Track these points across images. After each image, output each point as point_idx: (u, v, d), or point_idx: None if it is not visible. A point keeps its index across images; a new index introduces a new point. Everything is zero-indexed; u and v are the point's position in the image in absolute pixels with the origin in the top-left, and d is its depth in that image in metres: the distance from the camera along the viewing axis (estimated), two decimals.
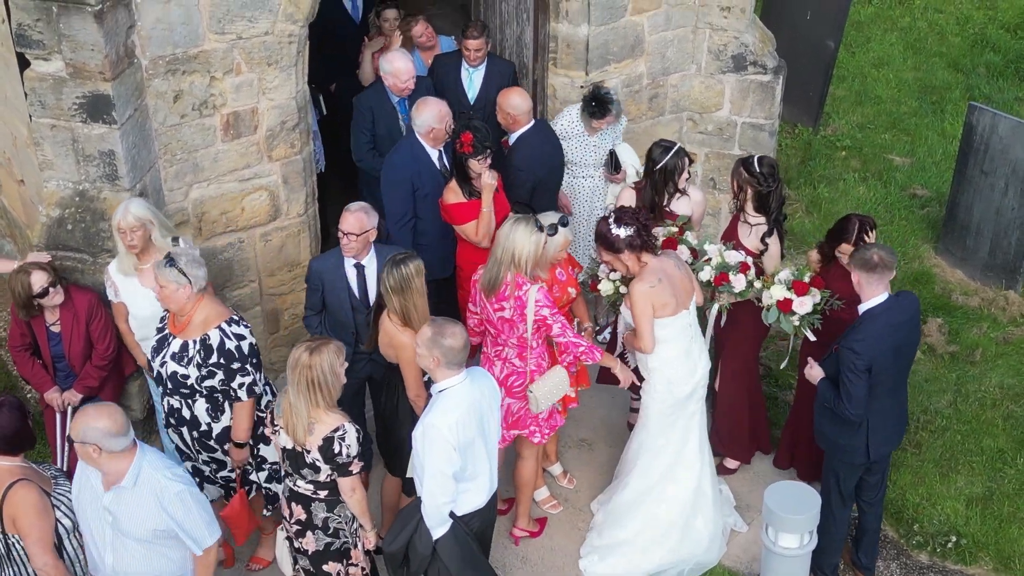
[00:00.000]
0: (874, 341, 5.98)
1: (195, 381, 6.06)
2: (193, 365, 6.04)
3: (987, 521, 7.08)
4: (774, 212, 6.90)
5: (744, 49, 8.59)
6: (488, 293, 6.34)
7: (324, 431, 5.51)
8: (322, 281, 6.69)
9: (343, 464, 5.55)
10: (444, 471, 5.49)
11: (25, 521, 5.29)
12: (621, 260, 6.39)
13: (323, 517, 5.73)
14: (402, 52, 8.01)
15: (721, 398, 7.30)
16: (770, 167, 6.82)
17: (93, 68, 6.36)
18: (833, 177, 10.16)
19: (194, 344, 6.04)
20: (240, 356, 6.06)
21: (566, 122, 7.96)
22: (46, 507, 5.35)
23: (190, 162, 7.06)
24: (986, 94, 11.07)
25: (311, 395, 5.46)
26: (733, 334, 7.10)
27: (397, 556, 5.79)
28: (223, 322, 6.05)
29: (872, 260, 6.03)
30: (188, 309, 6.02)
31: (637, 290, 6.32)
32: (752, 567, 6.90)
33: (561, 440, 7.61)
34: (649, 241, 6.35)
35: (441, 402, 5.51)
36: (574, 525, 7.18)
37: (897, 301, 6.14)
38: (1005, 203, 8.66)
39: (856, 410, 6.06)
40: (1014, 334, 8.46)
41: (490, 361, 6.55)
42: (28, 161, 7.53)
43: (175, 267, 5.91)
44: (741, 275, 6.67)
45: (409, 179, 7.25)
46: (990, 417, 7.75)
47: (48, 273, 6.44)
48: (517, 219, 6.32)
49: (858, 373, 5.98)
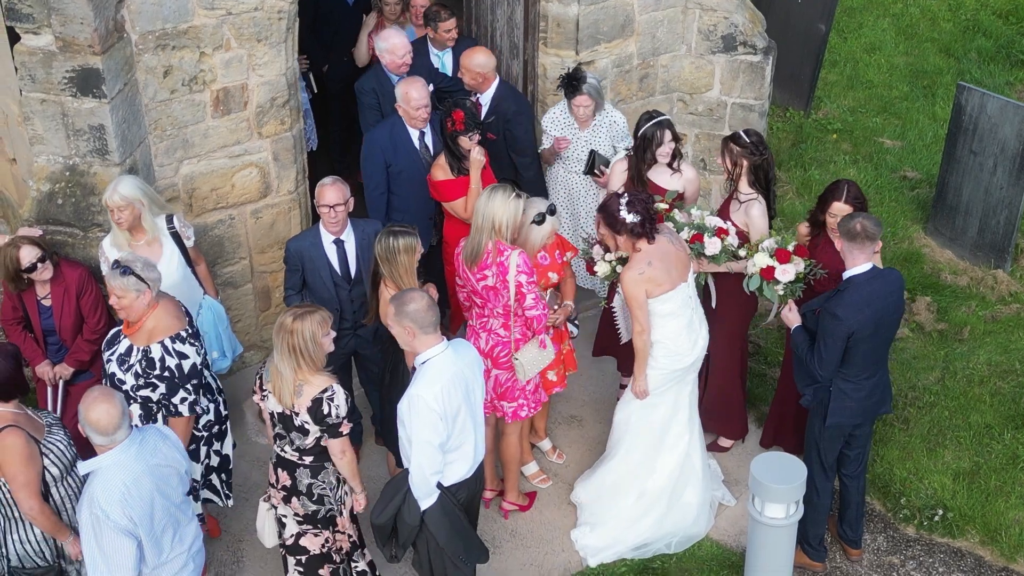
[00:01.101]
0: (856, 309, 6.01)
1: (130, 388, 5.99)
2: (131, 373, 5.97)
3: (974, 495, 7.11)
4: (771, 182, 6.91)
5: (734, 29, 8.62)
6: (471, 263, 6.38)
7: (312, 392, 5.55)
8: (302, 261, 6.71)
9: (333, 425, 5.58)
10: (431, 441, 5.51)
11: (11, 467, 5.40)
12: (616, 240, 6.41)
13: (307, 483, 5.76)
14: (396, 29, 8.05)
15: (713, 375, 7.33)
16: (758, 136, 6.87)
17: (83, 42, 6.39)
18: (824, 160, 10.20)
19: (137, 352, 5.96)
20: (180, 376, 5.96)
21: (551, 118, 7.93)
22: (33, 454, 5.42)
23: (180, 138, 7.09)
24: (977, 79, 11.10)
25: (294, 359, 5.50)
26: (722, 310, 7.12)
27: (385, 528, 5.81)
28: (168, 337, 5.94)
29: (855, 228, 6.05)
30: (144, 315, 5.93)
31: (628, 278, 6.35)
32: (739, 540, 6.94)
33: (551, 416, 7.65)
34: (651, 232, 6.34)
35: (425, 372, 5.53)
36: (563, 499, 7.22)
37: (882, 274, 6.17)
38: (994, 182, 8.69)
39: (826, 372, 6.13)
40: (1002, 312, 8.50)
41: (476, 333, 6.59)
42: (20, 139, 7.56)
43: (132, 274, 5.78)
44: (716, 239, 6.70)
45: (381, 154, 7.35)
46: (977, 393, 7.79)
47: (38, 248, 6.46)
48: (494, 187, 6.39)
49: (836, 338, 6.02)
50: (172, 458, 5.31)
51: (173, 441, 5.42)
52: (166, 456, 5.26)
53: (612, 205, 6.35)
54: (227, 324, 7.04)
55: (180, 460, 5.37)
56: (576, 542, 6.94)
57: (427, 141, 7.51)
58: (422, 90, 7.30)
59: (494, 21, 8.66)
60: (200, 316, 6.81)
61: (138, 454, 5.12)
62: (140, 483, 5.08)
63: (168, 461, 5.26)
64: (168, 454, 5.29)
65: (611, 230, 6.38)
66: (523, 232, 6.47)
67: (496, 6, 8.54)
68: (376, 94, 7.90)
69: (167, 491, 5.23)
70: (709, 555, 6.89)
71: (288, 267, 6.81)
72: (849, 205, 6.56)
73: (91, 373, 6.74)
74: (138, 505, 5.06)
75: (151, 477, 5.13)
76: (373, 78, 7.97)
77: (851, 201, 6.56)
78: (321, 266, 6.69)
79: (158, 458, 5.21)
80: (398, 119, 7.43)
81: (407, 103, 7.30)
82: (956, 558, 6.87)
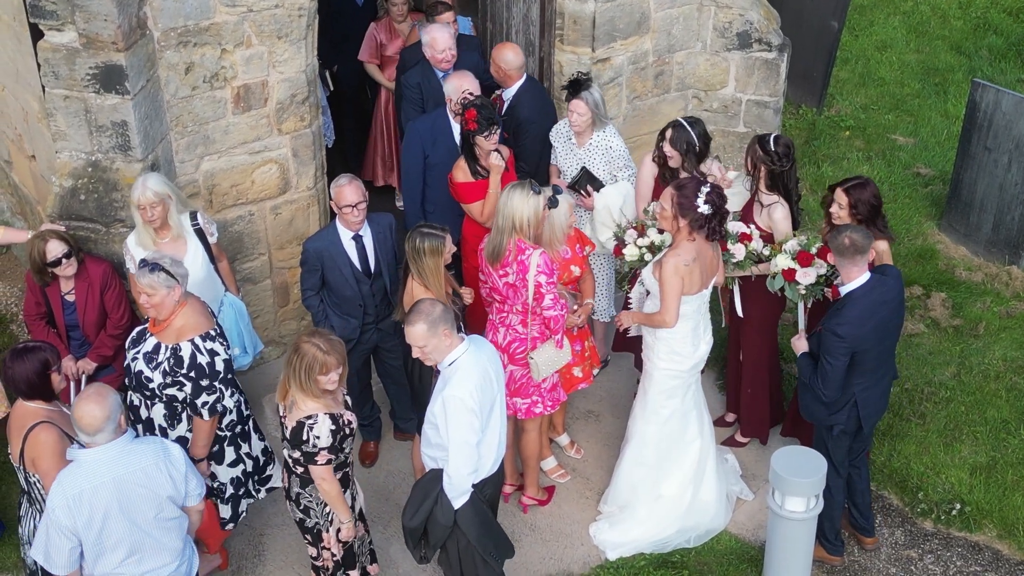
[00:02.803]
0: (856, 325, 5.98)
1: (157, 386, 6.01)
2: (159, 371, 5.99)
3: (991, 489, 7.14)
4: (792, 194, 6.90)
5: (749, 27, 8.65)
6: (492, 262, 6.41)
7: (298, 415, 5.56)
8: (321, 260, 6.72)
9: (309, 453, 5.58)
10: (469, 441, 5.51)
11: (43, 462, 5.47)
12: (676, 222, 6.26)
13: (296, 492, 5.80)
14: (441, 24, 8.00)
15: (745, 378, 7.35)
16: (786, 147, 6.80)
17: (106, 39, 6.43)
18: (837, 156, 10.23)
19: (165, 350, 5.98)
20: (211, 372, 5.98)
21: (556, 130, 7.72)
22: (65, 450, 5.43)
23: (201, 134, 7.13)
24: (988, 76, 11.12)
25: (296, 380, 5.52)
26: (752, 313, 7.13)
27: (417, 531, 5.79)
28: (198, 336, 5.96)
29: (844, 243, 5.98)
30: (171, 312, 5.94)
31: (672, 263, 6.25)
32: (758, 534, 6.97)
33: (568, 411, 7.68)
34: (715, 231, 6.24)
35: (455, 373, 5.54)
36: (582, 494, 7.25)
37: (881, 280, 6.11)
38: (1008, 179, 8.72)
39: (830, 392, 6.09)
40: (1017, 308, 8.53)
41: (494, 328, 6.62)
42: (40, 136, 7.60)
43: (162, 270, 5.81)
44: (740, 245, 6.72)
45: (420, 144, 7.38)
46: (993, 389, 7.82)
47: (65, 243, 6.50)
48: (512, 186, 6.39)
49: (838, 357, 6.00)
50: (154, 481, 5.21)
51: (174, 463, 5.31)
52: (147, 476, 5.18)
53: (691, 189, 6.19)
54: (248, 321, 7.08)
55: (164, 485, 5.25)
56: (594, 537, 6.97)
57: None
58: (473, 82, 7.36)
59: (510, 19, 8.69)
60: (221, 313, 6.84)
61: (113, 462, 5.10)
62: (97, 493, 5.07)
63: (146, 483, 5.18)
64: (152, 475, 5.20)
65: (678, 210, 6.20)
66: (546, 225, 6.48)
67: (512, 3, 8.56)
68: (420, 89, 7.89)
69: (130, 510, 5.16)
70: (728, 549, 6.92)
71: (306, 268, 6.80)
72: (846, 194, 6.52)
73: (113, 368, 6.78)
74: (86, 513, 5.06)
75: (114, 490, 5.09)
76: (419, 72, 7.93)
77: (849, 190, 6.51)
78: (342, 264, 6.72)
79: (135, 476, 5.15)
80: (442, 112, 7.46)
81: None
82: (974, 552, 6.90)
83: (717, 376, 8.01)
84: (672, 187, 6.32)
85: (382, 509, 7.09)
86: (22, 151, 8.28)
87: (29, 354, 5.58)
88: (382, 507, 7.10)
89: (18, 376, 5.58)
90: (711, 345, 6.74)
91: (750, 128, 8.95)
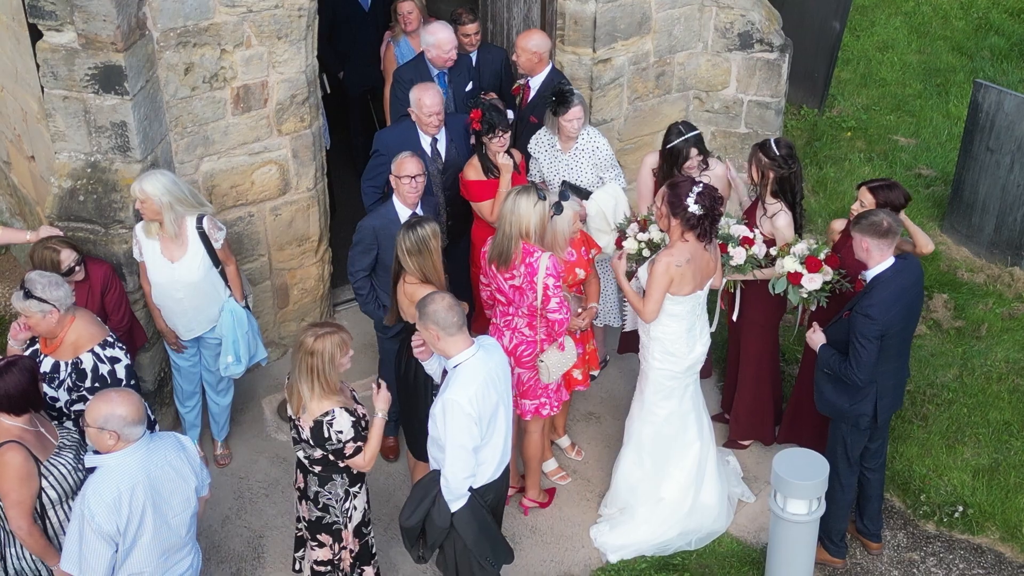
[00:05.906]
0: (887, 306, 6.03)
1: (64, 404, 5.94)
2: (64, 388, 5.92)
3: (993, 491, 7.12)
4: (798, 195, 6.87)
5: (750, 27, 8.63)
6: (499, 265, 6.37)
7: (314, 414, 5.54)
8: (378, 239, 6.62)
9: (336, 450, 5.58)
10: (466, 445, 5.49)
11: (5, 484, 5.29)
12: (669, 220, 6.28)
13: (315, 491, 5.77)
14: (443, 24, 7.95)
15: (743, 381, 7.33)
16: (788, 148, 6.79)
17: (105, 39, 6.40)
18: (839, 157, 10.20)
19: (66, 367, 5.91)
20: (113, 381, 5.90)
21: (536, 140, 7.59)
22: (30, 473, 5.30)
23: (200, 135, 7.10)
24: (990, 77, 11.10)
25: (310, 380, 5.50)
26: (753, 315, 7.11)
27: (414, 531, 5.79)
28: (96, 345, 5.91)
29: (883, 225, 6.06)
30: (59, 331, 5.87)
31: (663, 261, 6.27)
32: (759, 537, 6.94)
33: (569, 413, 7.66)
34: (706, 231, 6.24)
35: (458, 376, 5.51)
36: (582, 496, 7.23)
37: (905, 264, 6.19)
38: (1011, 180, 8.70)
39: (864, 375, 6.10)
40: (1019, 309, 8.51)
41: (499, 331, 6.59)
42: (39, 137, 7.58)
43: (32, 297, 5.72)
44: (741, 248, 6.69)
45: (386, 154, 7.15)
46: (996, 390, 7.79)
47: (74, 250, 6.43)
48: (518, 191, 6.33)
49: (871, 339, 6.02)
50: (181, 473, 5.19)
51: (189, 454, 5.31)
52: (174, 470, 5.16)
53: (683, 188, 6.21)
54: (247, 329, 6.95)
55: (189, 476, 5.26)
56: (595, 539, 6.95)
57: (439, 147, 7.43)
58: (435, 97, 7.19)
59: (510, 19, 8.66)
60: (219, 319, 6.82)
61: (144, 461, 5.06)
62: (135, 493, 5.03)
63: (174, 476, 5.16)
64: (179, 468, 5.19)
65: (670, 209, 6.23)
66: (550, 231, 6.45)
67: (512, 4, 8.54)
68: (412, 85, 7.85)
69: (161, 505, 5.14)
70: (729, 551, 6.90)
71: (361, 247, 6.68)
72: (871, 193, 6.57)
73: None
74: (126, 515, 5.01)
75: (149, 488, 5.05)
76: (413, 69, 7.88)
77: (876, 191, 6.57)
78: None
79: (164, 471, 5.13)
80: (411, 122, 7.37)
81: (419, 108, 7.21)
82: (976, 554, 6.87)
83: (719, 378, 7.99)
84: (666, 185, 6.35)
85: (383, 511, 7.06)
86: (21, 152, 8.25)
87: (13, 367, 5.37)
88: (383, 508, 7.07)
89: (11, 389, 5.33)
90: (708, 346, 6.71)
91: (751, 129, 8.93)
